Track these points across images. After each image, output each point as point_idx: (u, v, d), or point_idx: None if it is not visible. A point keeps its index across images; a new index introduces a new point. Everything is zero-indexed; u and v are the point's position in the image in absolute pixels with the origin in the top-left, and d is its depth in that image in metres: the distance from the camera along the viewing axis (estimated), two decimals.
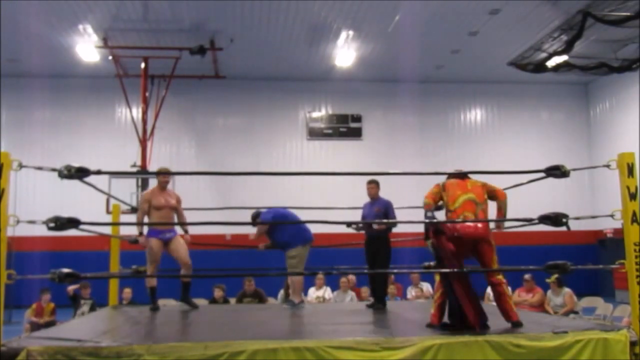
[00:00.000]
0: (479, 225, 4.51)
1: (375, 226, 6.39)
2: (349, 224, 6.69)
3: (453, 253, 4.45)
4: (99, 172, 4.20)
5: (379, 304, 6.42)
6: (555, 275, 8.78)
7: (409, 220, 5.02)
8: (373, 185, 6.68)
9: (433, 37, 13.24)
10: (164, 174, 6.25)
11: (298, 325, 5.28)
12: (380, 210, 6.48)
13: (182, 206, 6.57)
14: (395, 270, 7.95)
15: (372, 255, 6.55)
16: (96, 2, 11.49)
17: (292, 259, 6.65)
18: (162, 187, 6.46)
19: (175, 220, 6.56)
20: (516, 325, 4.43)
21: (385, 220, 6.34)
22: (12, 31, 12.25)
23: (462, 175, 4.84)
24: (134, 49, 13.52)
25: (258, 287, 9.43)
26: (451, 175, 4.90)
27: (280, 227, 6.72)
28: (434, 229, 4.55)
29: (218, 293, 9.38)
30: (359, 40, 13.68)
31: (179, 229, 6.58)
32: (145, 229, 6.40)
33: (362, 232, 6.84)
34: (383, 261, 6.41)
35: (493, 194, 4.78)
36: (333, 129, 16.72)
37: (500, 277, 4.61)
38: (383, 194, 6.76)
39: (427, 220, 4.61)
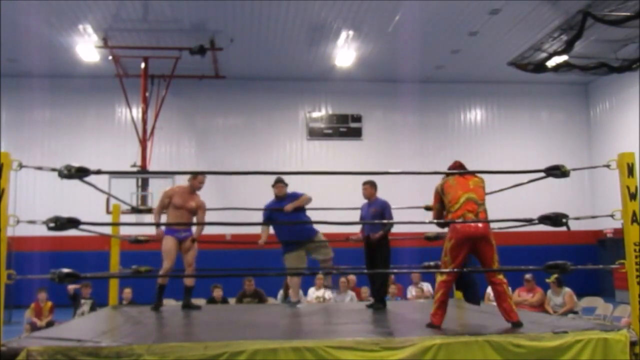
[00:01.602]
0: (480, 224, 4.50)
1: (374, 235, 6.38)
2: (347, 239, 6.78)
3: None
4: (99, 172, 4.20)
5: (379, 304, 6.41)
6: (555, 275, 8.78)
7: (409, 220, 4.98)
8: (367, 187, 6.66)
9: (433, 37, 13.23)
10: (201, 175, 6.45)
11: (298, 325, 5.27)
12: (377, 211, 6.46)
13: (204, 214, 6.62)
14: (395, 270, 7.93)
15: (371, 255, 6.54)
16: (96, 2, 11.48)
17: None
18: (192, 190, 6.56)
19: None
20: (516, 325, 4.42)
21: (380, 232, 6.37)
22: (12, 31, 12.23)
23: (464, 172, 4.76)
24: (134, 49, 13.52)
25: (258, 287, 9.43)
26: (450, 171, 4.84)
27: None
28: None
29: (217, 292, 9.38)
30: (359, 40, 13.68)
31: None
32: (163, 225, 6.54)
33: (361, 240, 6.77)
34: (383, 261, 6.41)
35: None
36: (333, 129, 16.71)
37: (501, 277, 4.59)
38: (383, 194, 6.73)
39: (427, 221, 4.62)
